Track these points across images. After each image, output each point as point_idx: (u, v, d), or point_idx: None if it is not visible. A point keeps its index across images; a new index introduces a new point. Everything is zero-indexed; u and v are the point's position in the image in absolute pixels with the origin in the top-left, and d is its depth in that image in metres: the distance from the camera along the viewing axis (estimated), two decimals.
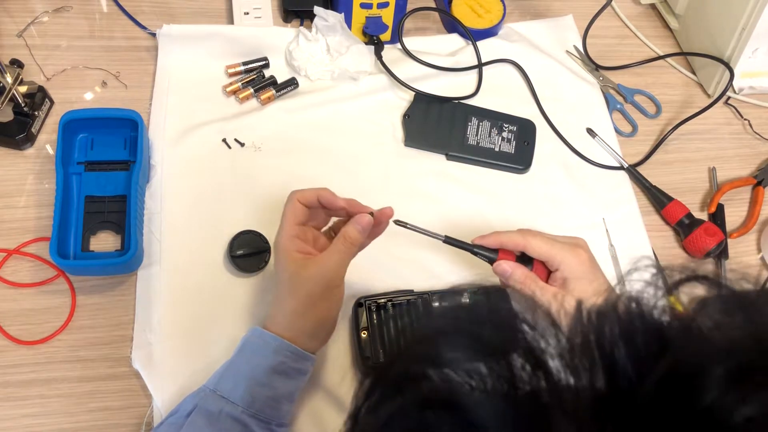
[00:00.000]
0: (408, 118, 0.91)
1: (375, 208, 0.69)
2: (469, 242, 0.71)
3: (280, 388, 0.63)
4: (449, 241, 0.70)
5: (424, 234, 0.70)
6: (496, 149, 0.90)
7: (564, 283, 0.67)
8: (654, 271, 0.32)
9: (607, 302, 0.31)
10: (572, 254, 0.67)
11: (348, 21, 0.94)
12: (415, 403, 0.30)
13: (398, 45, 0.96)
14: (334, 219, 0.72)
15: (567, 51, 1.02)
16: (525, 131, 0.92)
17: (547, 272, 0.69)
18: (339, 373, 0.74)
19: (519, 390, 0.29)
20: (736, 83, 0.99)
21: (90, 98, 0.89)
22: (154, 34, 0.92)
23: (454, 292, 0.75)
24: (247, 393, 0.62)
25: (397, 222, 0.69)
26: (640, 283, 0.32)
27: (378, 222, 0.68)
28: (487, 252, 0.70)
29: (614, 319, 0.30)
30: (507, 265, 0.69)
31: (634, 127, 0.97)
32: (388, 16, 0.94)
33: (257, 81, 0.90)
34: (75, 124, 0.80)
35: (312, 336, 0.66)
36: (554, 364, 0.30)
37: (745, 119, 1.00)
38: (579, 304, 0.31)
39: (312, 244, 0.68)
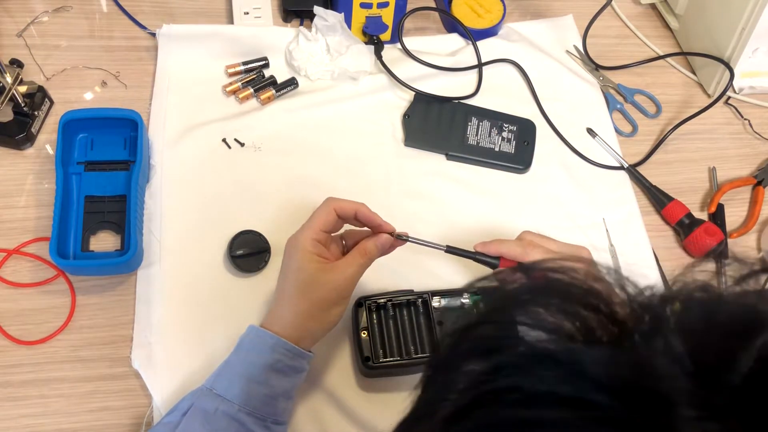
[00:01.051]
0: (408, 118, 0.91)
1: (375, 208, 0.69)
2: (471, 249, 0.71)
3: (277, 385, 0.64)
4: (451, 250, 0.71)
5: (426, 245, 0.70)
6: (496, 149, 0.90)
7: None
8: (729, 261, 0.33)
9: (678, 287, 0.32)
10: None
11: (348, 21, 0.94)
12: (519, 358, 0.30)
13: (398, 45, 0.96)
14: (345, 226, 0.72)
15: (567, 51, 1.02)
16: (525, 131, 0.92)
17: None
18: (339, 373, 0.74)
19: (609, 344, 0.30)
20: (736, 83, 0.99)
21: (90, 98, 0.89)
22: (154, 34, 0.92)
23: (454, 292, 0.75)
24: (243, 391, 0.62)
25: (398, 236, 0.70)
26: (704, 273, 0.33)
27: (391, 245, 0.70)
28: (488, 259, 0.70)
29: (694, 304, 0.30)
30: (510, 274, 0.69)
31: (634, 127, 0.97)
32: (388, 15, 0.94)
33: (257, 81, 0.90)
34: (75, 124, 0.80)
35: (319, 338, 0.67)
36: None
37: (745, 119, 1.00)
38: (645, 289, 0.32)
39: (330, 253, 0.69)
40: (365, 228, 0.70)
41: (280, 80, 0.91)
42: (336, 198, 0.68)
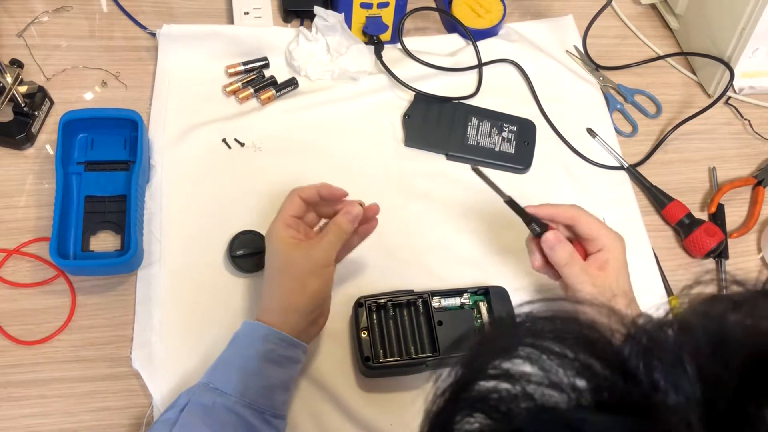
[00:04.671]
0: (408, 118, 0.91)
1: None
2: (525, 211, 0.70)
3: (272, 376, 0.64)
4: (511, 203, 0.69)
5: (492, 188, 0.69)
6: (497, 149, 0.90)
7: (604, 264, 0.68)
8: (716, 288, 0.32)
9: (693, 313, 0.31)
10: (617, 240, 0.70)
11: (348, 21, 0.94)
12: (533, 425, 0.29)
13: (398, 45, 0.96)
14: (323, 222, 0.74)
15: (567, 51, 1.02)
16: (525, 131, 0.92)
17: (584, 254, 0.70)
18: (339, 373, 0.74)
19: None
20: (736, 83, 0.99)
21: (90, 98, 0.89)
22: (154, 34, 0.92)
23: (454, 292, 0.75)
24: (240, 383, 0.62)
25: (474, 168, 0.69)
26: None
27: (366, 218, 0.71)
28: (537, 225, 0.70)
29: (702, 342, 0.29)
30: (554, 239, 0.69)
31: (634, 127, 0.97)
32: (388, 16, 0.94)
33: (257, 81, 0.90)
34: (75, 124, 0.80)
35: (307, 315, 0.67)
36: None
37: (746, 119, 1.00)
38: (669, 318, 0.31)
39: (303, 236, 0.70)
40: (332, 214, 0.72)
41: (280, 80, 0.91)
42: (299, 186, 0.71)
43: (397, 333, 0.72)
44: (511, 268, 0.82)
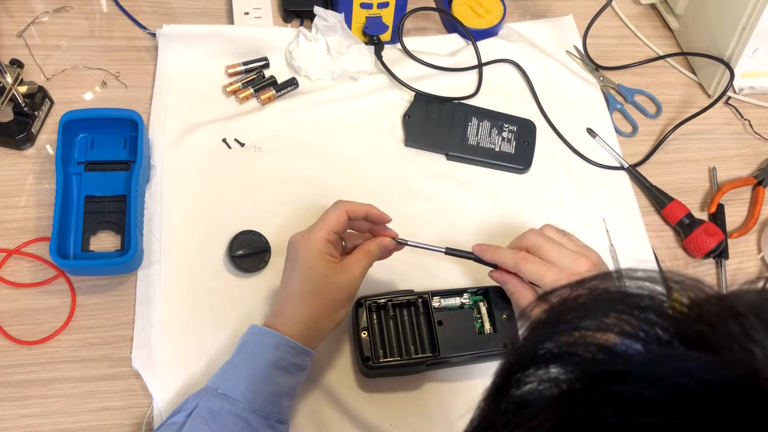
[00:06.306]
0: (408, 118, 0.91)
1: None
2: (470, 251, 0.73)
3: (281, 383, 0.64)
4: (450, 252, 0.73)
5: (426, 249, 0.72)
6: (497, 149, 0.90)
7: None
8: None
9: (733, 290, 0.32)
10: (564, 280, 0.67)
11: (348, 21, 0.94)
12: (623, 365, 0.29)
13: (398, 45, 0.96)
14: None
15: (567, 51, 1.02)
16: (525, 131, 0.92)
17: None
18: (339, 373, 0.74)
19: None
20: (736, 83, 0.99)
21: (90, 98, 0.89)
22: (154, 34, 0.92)
23: (454, 292, 0.75)
24: (249, 389, 0.62)
25: (399, 241, 0.71)
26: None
27: (390, 250, 0.72)
28: (486, 263, 0.72)
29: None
30: (499, 276, 0.72)
31: (634, 127, 0.97)
32: (388, 16, 0.94)
33: (257, 81, 0.90)
34: (75, 124, 0.80)
35: (323, 338, 0.67)
36: None
37: (746, 119, 1.00)
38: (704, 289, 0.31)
39: (338, 254, 0.70)
40: (365, 232, 0.72)
41: (280, 80, 0.91)
42: (346, 200, 0.69)
43: (397, 333, 0.72)
44: None
